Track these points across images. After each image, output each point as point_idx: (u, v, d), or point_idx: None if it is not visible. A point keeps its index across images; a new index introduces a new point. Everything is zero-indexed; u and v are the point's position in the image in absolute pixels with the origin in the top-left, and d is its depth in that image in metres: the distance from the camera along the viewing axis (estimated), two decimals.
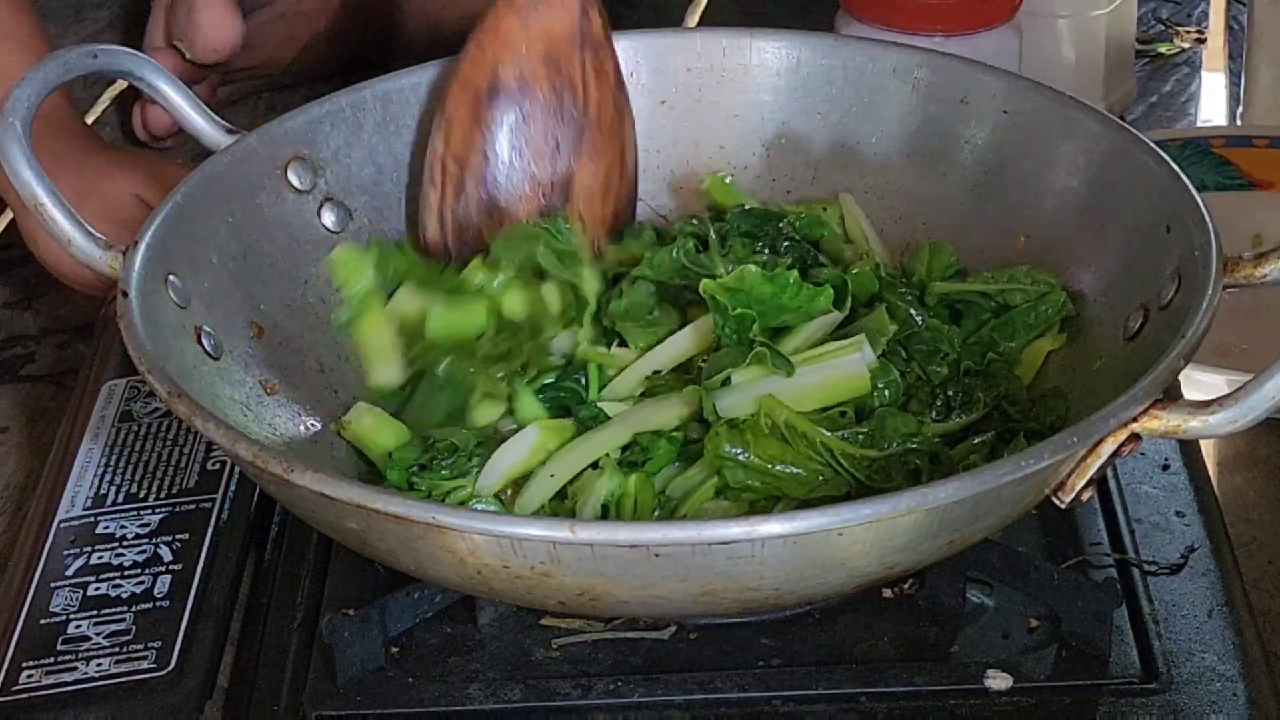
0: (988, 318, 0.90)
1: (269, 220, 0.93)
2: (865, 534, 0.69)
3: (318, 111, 0.96)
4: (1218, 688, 0.78)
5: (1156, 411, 0.73)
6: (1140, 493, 0.89)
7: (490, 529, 0.69)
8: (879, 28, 1.12)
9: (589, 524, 0.68)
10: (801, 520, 0.68)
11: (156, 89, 0.93)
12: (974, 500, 0.70)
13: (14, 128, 0.85)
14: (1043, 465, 0.71)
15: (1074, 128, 0.92)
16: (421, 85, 0.99)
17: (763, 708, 0.78)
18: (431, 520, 0.69)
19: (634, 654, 0.81)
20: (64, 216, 0.86)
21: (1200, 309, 0.77)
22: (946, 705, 0.77)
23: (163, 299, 0.85)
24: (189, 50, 1.25)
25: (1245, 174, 1.19)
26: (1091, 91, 1.26)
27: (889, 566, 0.73)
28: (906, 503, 0.68)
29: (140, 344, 0.79)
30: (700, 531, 0.68)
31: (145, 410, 0.97)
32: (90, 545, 0.88)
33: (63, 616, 0.84)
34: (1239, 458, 0.98)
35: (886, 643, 0.81)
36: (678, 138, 1.02)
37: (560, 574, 0.70)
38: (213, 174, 0.92)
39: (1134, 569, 0.84)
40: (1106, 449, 0.73)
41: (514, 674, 0.80)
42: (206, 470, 0.92)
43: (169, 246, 0.86)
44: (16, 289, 1.20)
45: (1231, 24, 1.47)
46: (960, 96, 0.96)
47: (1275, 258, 0.82)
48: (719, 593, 0.71)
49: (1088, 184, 0.91)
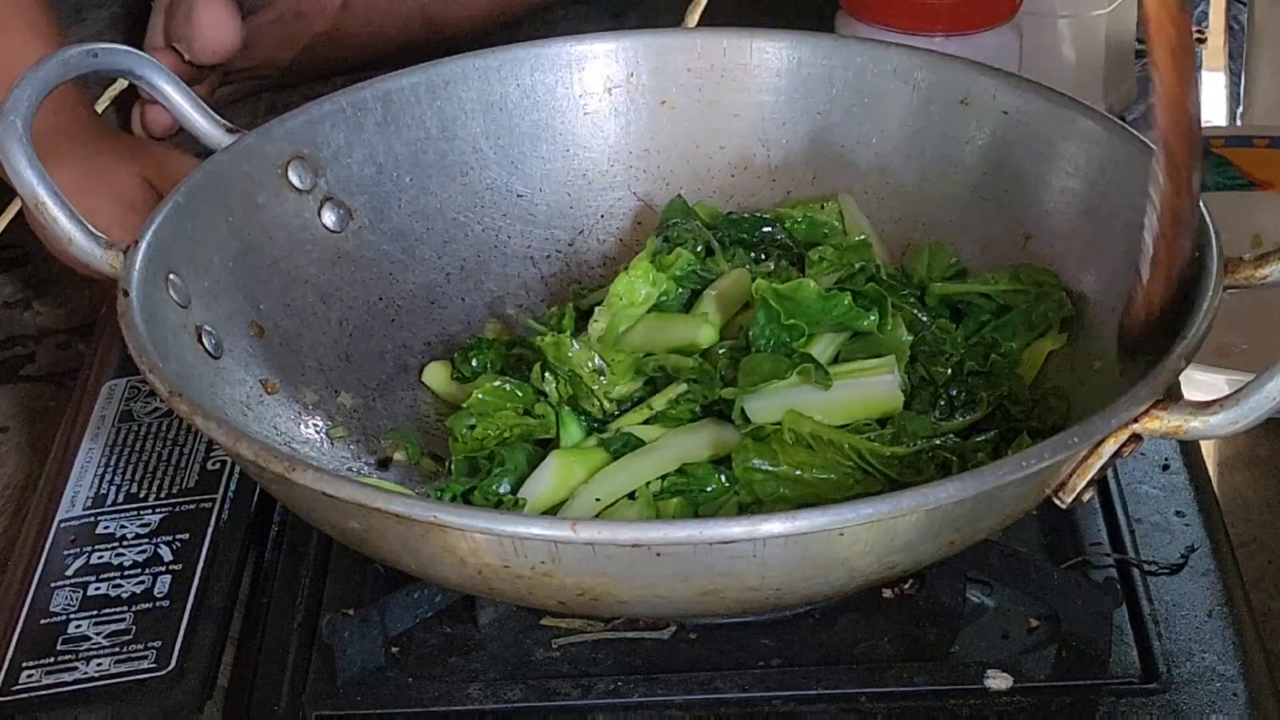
0: (988, 318, 0.90)
1: (269, 220, 0.93)
2: (866, 534, 0.69)
3: (318, 111, 0.97)
4: (1218, 688, 0.78)
5: (1157, 412, 0.73)
6: (1140, 493, 0.89)
7: (491, 528, 0.69)
8: (879, 28, 1.12)
9: (590, 523, 0.68)
10: (803, 519, 0.68)
11: (157, 88, 0.94)
12: (975, 500, 0.70)
13: (15, 126, 0.85)
14: (1044, 465, 0.71)
15: (1074, 128, 0.92)
16: (422, 85, 0.99)
17: (763, 708, 0.78)
18: (433, 519, 0.69)
19: (634, 654, 0.81)
20: (65, 215, 0.86)
21: (1200, 311, 0.77)
22: (946, 705, 0.77)
23: (163, 298, 0.85)
24: (188, 51, 1.25)
25: (1245, 174, 1.19)
26: (1091, 91, 1.26)
27: (890, 566, 0.73)
28: (907, 503, 0.68)
29: (141, 343, 0.79)
30: (701, 531, 0.68)
31: (145, 410, 0.97)
32: (90, 545, 0.88)
33: (63, 616, 0.84)
34: (1239, 458, 0.98)
35: (886, 643, 0.81)
36: (678, 138, 1.02)
37: (561, 574, 0.70)
38: (213, 173, 0.92)
39: (1134, 569, 0.84)
40: (1108, 449, 0.73)
41: (514, 674, 0.80)
42: (206, 470, 0.92)
43: (169, 246, 0.86)
44: (16, 289, 1.20)
45: (1231, 24, 1.47)
46: (960, 97, 0.96)
47: (1275, 259, 0.82)
48: (720, 592, 0.71)
49: (1088, 184, 0.91)
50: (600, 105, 1.01)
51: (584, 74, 1.01)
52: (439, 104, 0.99)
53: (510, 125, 1.00)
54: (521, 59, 1.00)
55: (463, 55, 1.00)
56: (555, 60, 1.01)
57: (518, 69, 1.00)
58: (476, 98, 1.00)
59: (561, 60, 1.01)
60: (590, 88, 1.01)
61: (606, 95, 1.01)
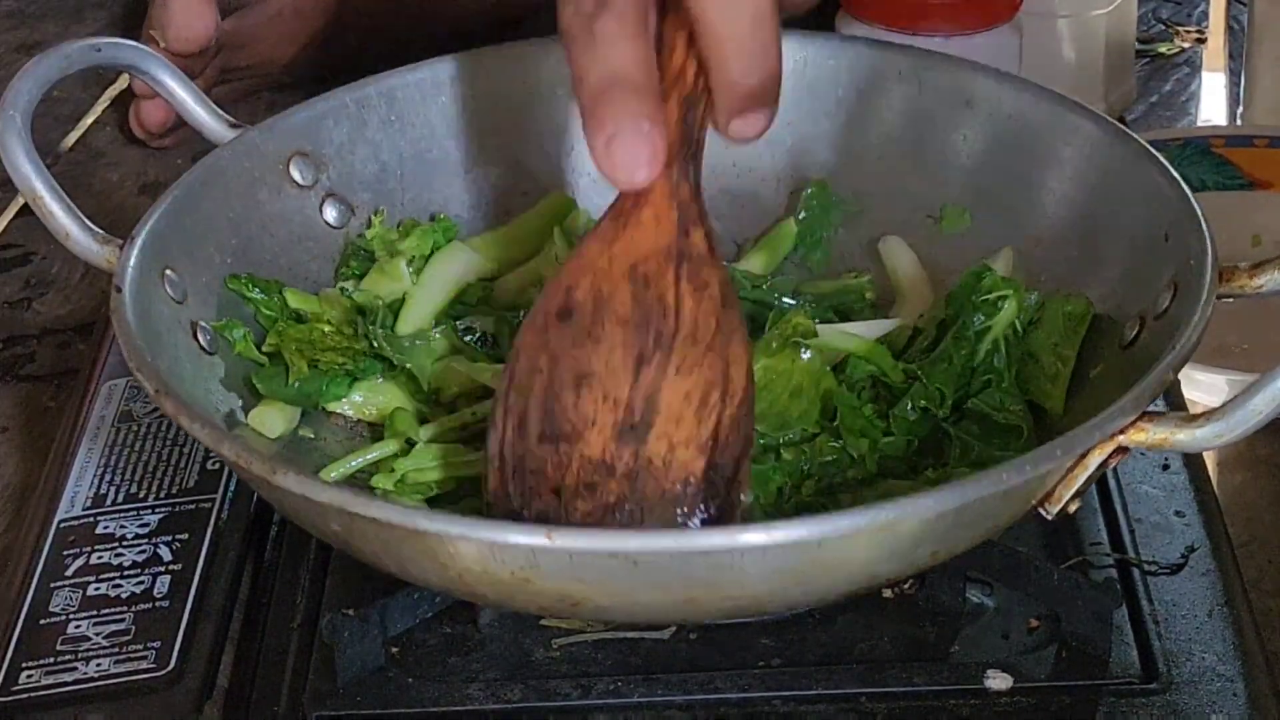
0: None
1: (269, 215, 0.93)
2: (845, 545, 0.69)
3: (321, 107, 0.96)
4: (1218, 688, 0.78)
5: (1143, 424, 0.72)
6: (1140, 493, 0.89)
7: (467, 534, 0.68)
8: (879, 27, 1.12)
9: (566, 530, 0.67)
10: (780, 531, 0.67)
11: (160, 82, 0.93)
12: (956, 512, 0.69)
13: (14, 120, 0.85)
14: (1026, 478, 0.70)
15: (1076, 133, 0.92)
16: (427, 82, 0.99)
17: (763, 708, 0.78)
18: (411, 525, 0.69)
19: (634, 654, 0.81)
20: (62, 209, 0.85)
21: (1192, 320, 0.76)
22: (946, 705, 0.77)
23: (159, 294, 0.85)
24: (162, 39, 1.25)
25: (1245, 174, 1.19)
26: (1091, 91, 1.26)
27: (872, 576, 0.73)
28: (887, 515, 0.67)
29: (131, 339, 0.79)
30: (679, 541, 0.68)
31: (145, 410, 0.97)
32: (90, 545, 0.88)
33: (62, 616, 0.84)
34: (1239, 458, 0.98)
35: (886, 643, 0.81)
36: None
37: (540, 580, 0.69)
38: (213, 168, 0.91)
39: (1134, 569, 0.84)
40: (1093, 461, 0.73)
41: (514, 674, 0.80)
42: (206, 470, 0.92)
43: (166, 241, 0.86)
44: (17, 288, 1.20)
45: (1231, 24, 1.47)
46: (965, 99, 0.96)
47: (1271, 268, 0.81)
48: (701, 601, 0.71)
49: (1088, 190, 0.91)
50: None
51: None
52: (443, 101, 0.99)
53: (514, 123, 1.00)
54: (527, 56, 1.00)
55: (468, 52, 1.00)
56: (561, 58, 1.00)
57: (522, 66, 1.00)
58: (481, 95, 0.99)
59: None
60: None
61: None
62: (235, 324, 0.88)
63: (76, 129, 1.34)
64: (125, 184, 1.31)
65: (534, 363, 0.74)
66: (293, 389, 0.88)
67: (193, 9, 1.26)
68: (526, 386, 0.74)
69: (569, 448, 0.73)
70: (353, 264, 0.95)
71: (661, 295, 0.72)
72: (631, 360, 0.72)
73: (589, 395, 0.72)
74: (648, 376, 0.72)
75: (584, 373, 0.73)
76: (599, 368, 0.72)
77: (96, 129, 1.35)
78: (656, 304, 0.72)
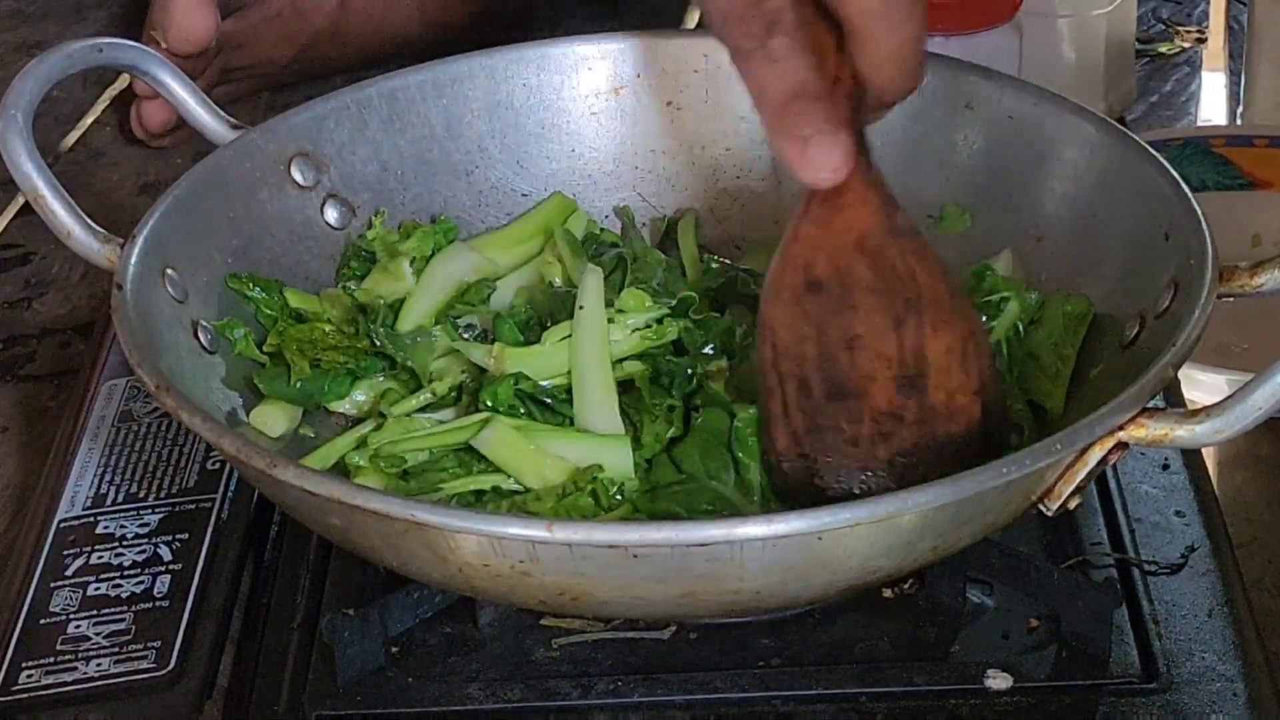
0: None
1: (270, 216, 0.93)
2: (845, 538, 0.69)
3: (323, 108, 0.97)
4: (1218, 688, 0.78)
5: (1143, 420, 0.72)
6: (1140, 493, 0.89)
7: (467, 527, 0.69)
8: None
9: (566, 523, 0.68)
10: (779, 524, 0.67)
11: (161, 82, 0.93)
12: (956, 506, 0.70)
13: (15, 120, 0.85)
14: (1026, 472, 0.70)
15: (1075, 133, 0.92)
16: (428, 83, 0.99)
17: (763, 708, 0.78)
18: (410, 517, 0.69)
19: (634, 654, 0.81)
20: (63, 208, 0.86)
21: (1192, 319, 0.77)
22: (946, 705, 0.77)
23: (160, 293, 0.85)
24: (164, 40, 1.25)
25: (1245, 174, 1.19)
26: (1091, 91, 1.26)
27: (871, 571, 0.73)
28: (886, 508, 0.68)
29: (132, 337, 0.79)
30: (678, 533, 0.68)
31: (145, 410, 0.97)
32: (90, 545, 0.88)
33: (62, 616, 0.84)
34: (1239, 457, 0.98)
35: (886, 643, 0.81)
36: (684, 140, 1.01)
37: (540, 573, 0.69)
38: (215, 168, 0.92)
39: (1134, 569, 0.84)
40: (1093, 457, 0.73)
41: (514, 674, 0.80)
42: (206, 470, 0.92)
43: (167, 241, 0.86)
44: (17, 288, 1.20)
45: (1231, 24, 1.47)
46: (965, 101, 0.96)
47: (1271, 267, 0.81)
48: (700, 595, 0.71)
49: (1089, 190, 0.91)
50: (606, 106, 1.01)
51: (590, 74, 1.01)
52: (444, 102, 0.99)
53: (515, 124, 1.00)
54: (528, 58, 1.00)
55: (469, 54, 1.00)
56: (562, 60, 1.01)
57: (524, 68, 1.00)
58: (482, 96, 1.00)
59: (568, 60, 1.01)
60: (596, 88, 1.01)
61: (612, 96, 1.01)
62: (236, 323, 0.88)
63: (77, 129, 1.35)
64: (125, 184, 1.31)
65: (798, 331, 0.78)
66: (294, 388, 0.88)
67: (193, 10, 1.26)
68: (798, 353, 0.79)
69: (858, 403, 0.78)
70: (354, 265, 0.95)
71: (893, 265, 0.77)
72: (890, 322, 0.77)
73: (863, 355, 0.78)
74: (909, 336, 0.77)
75: (852, 335, 0.78)
76: (863, 330, 0.77)
77: (97, 129, 1.35)
78: (892, 272, 0.77)
